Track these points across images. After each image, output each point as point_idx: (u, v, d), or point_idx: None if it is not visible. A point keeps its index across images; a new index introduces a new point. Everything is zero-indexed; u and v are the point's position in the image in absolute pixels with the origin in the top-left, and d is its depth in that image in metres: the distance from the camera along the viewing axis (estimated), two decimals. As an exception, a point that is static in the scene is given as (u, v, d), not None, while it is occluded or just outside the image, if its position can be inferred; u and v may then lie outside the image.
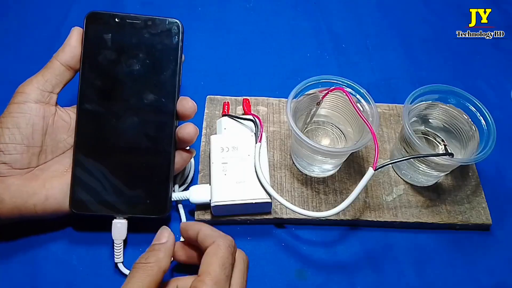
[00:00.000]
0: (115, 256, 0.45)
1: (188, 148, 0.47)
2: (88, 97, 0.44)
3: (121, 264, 0.45)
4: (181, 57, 0.45)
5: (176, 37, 0.45)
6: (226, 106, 0.54)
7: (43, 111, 0.43)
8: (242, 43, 0.68)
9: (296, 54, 0.68)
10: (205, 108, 0.56)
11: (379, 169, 0.45)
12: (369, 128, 0.45)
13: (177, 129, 0.45)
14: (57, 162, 0.45)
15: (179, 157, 0.46)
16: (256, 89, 0.61)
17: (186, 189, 0.51)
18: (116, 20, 0.44)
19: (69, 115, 0.45)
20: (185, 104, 0.45)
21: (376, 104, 0.58)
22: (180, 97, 0.46)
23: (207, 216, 0.48)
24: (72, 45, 0.44)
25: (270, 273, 0.47)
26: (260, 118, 0.50)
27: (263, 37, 0.70)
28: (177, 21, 0.45)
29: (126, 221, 0.45)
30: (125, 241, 0.46)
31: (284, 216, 0.48)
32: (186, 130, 0.44)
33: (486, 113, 0.47)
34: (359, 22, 0.73)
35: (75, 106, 0.45)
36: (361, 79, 0.64)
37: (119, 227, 0.44)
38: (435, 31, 0.73)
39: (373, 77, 0.66)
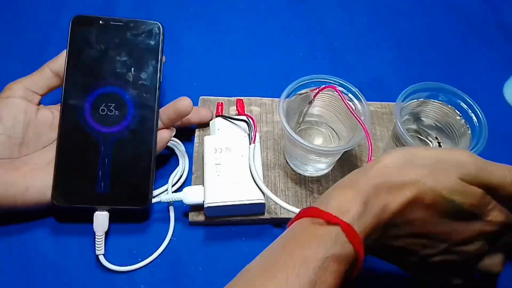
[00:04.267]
0: (96, 248, 0.45)
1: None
2: (72, 93, 0.46)
3: (102, 256, 0.45)
4: (161, 56, 0.48)
5: (157, 37, 0.48)
6: (220, 107, 0.54)
7: (26, 106, 0.45)
8: (235, 44, 0.68)
9: (288, 53, 0.68)
10: (198, 109, 0.56)
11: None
12: (362, 126, 0.45)
13: (173, 103, 0.48)
14: (39, 155, 0.46)
15: (160, 137, 0.48)
16: (250, 89, 0.61)
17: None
18: (100, 22, 0.48)
19: (52, 112, 0.47)
20: (184, 101, 0.48)
21: (369, 102, 0.58)
22: (179, 98, 0.49)
23: (201, 217, 0.48)
24: (65, 56, 0.47)
25: None
26: (254, 118, 0.50)
27: (256, 37, 0.70)
28: (158, 23, 0.49)
29: (108, 213, 0.46)
30: (107, 233, 0.46)
31: (279, 216, 0.48)
32: (185, 102, 0.48)
33: (477, 110, 0.47)
34: (351, 21, 0.73)
35: (59, 104, 0.47)
36: (354, 78, 0.64)
37: (101, 219, 0.45)
38: (427, 29, 0.73)
39: (365, 75, 0.66)
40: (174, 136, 0.53)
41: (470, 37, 0.72)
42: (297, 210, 0.44)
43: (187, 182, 0.52)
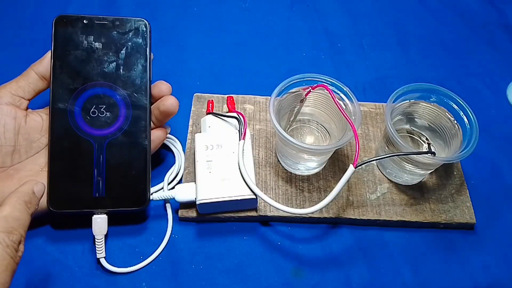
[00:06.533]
0: (97, 251, 0.45)
1: (163, 126, 0.49)
2: (60, 96, 0.45)
3: (103, 259, 0.45)
4: (150, 54, 0.47)
5: (144, 35, 0.47)
6: (211, 104, 0.55)
7: (15, 112, 0.44)
8: (238, 43, 0.69)
9: (292, 54, 0.68)
10: (192, 106, 0.57)
11: (361, 167, 0.45)
12: (350, 124, 0.45)
13: (158, 103, 0.47)
14: (32, 162, 0.45)
15: (155, 136, 0.47)
16: (253, 89, 0.61)
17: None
18: (85, 21, 0.46)
19: (41, 116, 0.46)
20: (161, 86, 0.48)
21: (363, 103, 0.58)
22: (163, 97, 0.47)
23: (191, 214, 0.49)
24: (49, 58, 0.45)
25: (266, 272, 0.47)
26: (247, 116, 0.50)
27: (258, 37, 0.70)
28: (144, 20, 0.47)
29: (106, 216, 0.45)
30: (106, 236, 0.46)
31: (268, 214, 0.49)
32: (168, 101, 0.47)
33: (468, 112, 0.47)
34: (354, 22, 0.73)
35: (47, 108, 0.46)
36: (357, 79, 0.65)
37: (99, 222, 0.45)
38: (431, 30, 0.72)
39: (368, 76, 0.66)
40: (171, 134, 0.54)
41: (473, 38, 0.71)
42: (286, 209, 0.45)
43: (182, 181, 0.53)
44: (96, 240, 0.45)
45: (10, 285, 0.32)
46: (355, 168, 0.44)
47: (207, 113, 0.54)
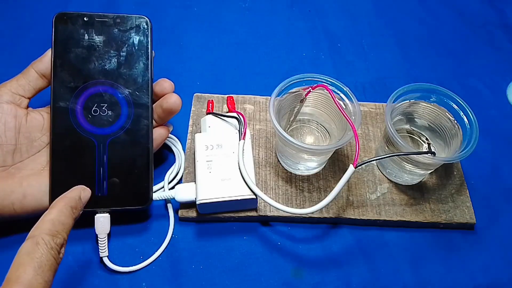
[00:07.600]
0: (100, 250, 0.45)
1: (165, 124, 0.49)
2: (61, 94, 0.45)
3: (106, 258, 0.45)
4: (151, 51, 0.47)
5: (145, 33, 0.47)
6: (211, 104, 0.55)
7: (15, 110, 0.44)
8: (238, 43, 0.69)
9: (291, 53, 0.68)
10: (192, 106, 0.57)
11: (361, 167, 0.45)
12: (350, 125, 0.45)
13: (160, 101, 0.47)
14: (33, 160, 0.45)
15: (157, 134, 0.48)
16: (253, 89, 0.61)
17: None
18: (85, 19, 0.46)
19: (41, 115, 0.46)
20: (163, 83, 0.48)
21: (363, 103, 0.58)
22: (166, 95, 0.47)
23: (191, 214, 0.49)
24: (50, 56, 0.45)
25: (266, 272, 0.47)
26: (247, 116, 0.50)
27: (258, 37, 0.70)
28: (145, 17, 0.47)
29: (109, 215, 0.45)
30: (108, 235, 0.46)
31: (268, 214, 0.49)
32: (171, 99, 0.47)
33: (468, 112, 0.47)
34: (354, 22, 0.73)
35: (48, 106, 0.46)
36: (357, 79, 0.65)
37: (102, 221, 0.45)
38: (430, 30, 0.72)
39: (368, 76, 0.66)
40: (172, 134, 0.54)
41: (473, 38, 0.72)
42: (286, 209, 0.45)
43: (182, 181, 0.52)
44: (99, 239, 0.45)
45: (52, 283, 0.33)
46: (355, 168, 0.44)
47: (207, 113, 0.54)
